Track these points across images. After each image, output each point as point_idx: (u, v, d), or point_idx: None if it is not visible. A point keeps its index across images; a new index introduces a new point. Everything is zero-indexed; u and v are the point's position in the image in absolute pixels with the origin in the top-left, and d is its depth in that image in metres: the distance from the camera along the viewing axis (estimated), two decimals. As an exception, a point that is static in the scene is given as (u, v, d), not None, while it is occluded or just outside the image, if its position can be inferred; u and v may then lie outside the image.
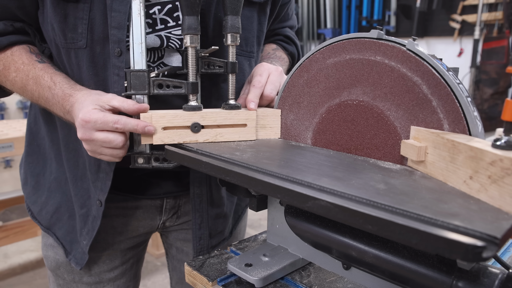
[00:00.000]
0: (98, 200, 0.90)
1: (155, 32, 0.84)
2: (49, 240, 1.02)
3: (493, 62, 3.76)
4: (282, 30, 1.16)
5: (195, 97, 0.81)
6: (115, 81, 0.82)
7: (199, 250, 1.01)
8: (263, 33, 1.00)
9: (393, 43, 0.67)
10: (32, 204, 1.03)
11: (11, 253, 2.93)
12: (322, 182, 0.54)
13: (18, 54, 0.85)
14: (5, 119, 5.15)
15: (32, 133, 1.02)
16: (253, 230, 3.35)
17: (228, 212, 1.07)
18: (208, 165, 0.68)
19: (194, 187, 0.97)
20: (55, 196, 0.98)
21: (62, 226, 0.98)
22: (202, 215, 0.99)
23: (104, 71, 0.83)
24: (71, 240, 0.97)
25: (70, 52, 0.84)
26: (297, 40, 1.19)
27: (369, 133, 0.71)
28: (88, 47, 0.82)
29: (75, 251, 0.96)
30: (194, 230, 1.00)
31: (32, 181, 1.03)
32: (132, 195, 0.98)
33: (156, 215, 1.03)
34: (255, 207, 0.82)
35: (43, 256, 1.05)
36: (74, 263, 0.97)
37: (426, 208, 0.45)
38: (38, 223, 1.01)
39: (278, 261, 0.76)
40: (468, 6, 3.99)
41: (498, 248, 0.39)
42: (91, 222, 0.92)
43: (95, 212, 0.91)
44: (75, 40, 0.82)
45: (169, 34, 0.86)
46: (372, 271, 0.61)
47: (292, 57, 1.17)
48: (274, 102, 0.88)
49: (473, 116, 0.60)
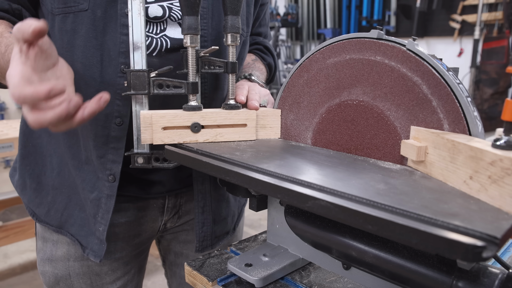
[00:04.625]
0: (111, 175, 0.88)
1: (157, 2, 0.85)
2: (45, 255, 0.99)
3: (493, 62, 3.76)
4: (261, 40, 1.20)
5: (195, 97, 0.81)
6: (123, 41, 0.82)
7: (202, 239, 0.99)
8: (251, 16, 1.02)
9: (393, 43, 0.68)
10: (36, 207, 0.99)
11: (11, 253, 2.93)
12: (322, 182, 0.54)
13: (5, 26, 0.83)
14: (5, 119, 5.16)
15: (26, 135, 1.00)
16: (253, 230, 3.35)
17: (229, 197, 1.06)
18: (208, 165, 0.68)
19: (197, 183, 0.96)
20: (62, 192, 0.96)
21: (74, 222, 0.95)
22: (205, 197, 0.97)
23: (103, 35, 0.83)
24: (86, 234, 0.94)
25: (68, 17, 0.82)
26: (274, 51, 1.24)
27: (369, 133, 0.71)
28: (90, 10, 0.81)
29: (92, 244, 0.93)
30: (197, 215, 0.97)
31: (33, 184, 1.00)
32: (135, 196, 0.97)
33: (158, 216, 1.02)
34: (255, 207, 0.82)
35: (40, 272, 1.01)
36: (92, 256, 0.93)
37: (426, 208, 0.45)
38: (47, 225, 0.97)
39: (278, 261, 0.76)
40: (468, 6, 4.00)
41: (498, 248, 0.39)
42: (104, 203, 0.90)
43: (108, 190, 0.89)
44: (77, 3, 0.81)
45: (171, 5, 0.86)
46: (372, 271, 0.61)
47: (270, 68, 1.20)
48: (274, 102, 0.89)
49: (473, 116, 0.60)
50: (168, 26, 0.87)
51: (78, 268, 0.97)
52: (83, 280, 0.98)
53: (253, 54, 1.18)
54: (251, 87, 0.92)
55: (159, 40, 0.86)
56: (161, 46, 0.86)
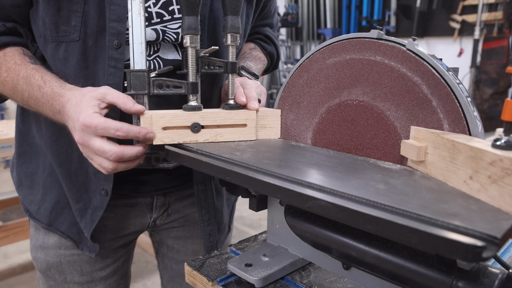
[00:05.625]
0: (103, 190, 0.89)
1: (151, 26, 0.85)
2: (38, 242, 1.01)
3: (493, 62, 3.76)
4: (262, 29, 1.18)
5: (195, 97, 0.81)
6: (110, 74, 0.82)
7: (210, 248, 1.03)
8: (249, 26, 1.02)
9: (393, 43, 0.67)
10: (29, 204, 1.02)
11: (11, 253, 2.93)
12: (322, 182, 0.54)
13: (11, 55, 0.85)
14: (5, 119, 5.16)
15: (22, 133, 1.01)
16: (253, 230, 3.35)
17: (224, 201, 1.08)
18: (208, 165, 0.68)
19: (198, 184, 0.97)
20: (52, 192, 0.98)
21: (64, 220, 0.97)
22: (209, 211, 1.00)
23: (95, 64, 0.83)
24: (77, 231, 0.97)
25: (60, 46, 0.83)
26: (277, 40, 1.20)
27: (369, 133, 0.71)
28: (81, 40, 0.82)
29: (85, 240, 0.96)
30: (202, 228, 1.01)
31: (27, 181, 1.02)
32: (124, 193, 0.98)
33: (146, 213, 1.04)
34: (255, 207, 0.82)
35: (32, 258, 1.04)
36: (87, 251, 0.96)
37: (426, 208, 0.45)
38: (38, 222, 1.00)
39: (278, 261, 0.76)
40: (468, 6, 4.00)
41: (498, 248, 0.39)
42: (90, 214, 0.92)
43: (98, 203, 0.91)
44: (68, 33, 0.82)
45: (164, 28, 0.86)
46: (372, 271, 0.61)
47: (271, 57, 1.18)
48: None
49: (473, 116, 0.60)
50: (161, 48, 0.88)
51: (68, 256, 0.99)
52: (73, 267, 1.00)
53: (252, 42, 1.16)
54: (243, 83, 0.90)
55: (151, 62, 0.88)
56: (154, 68, 0.88)
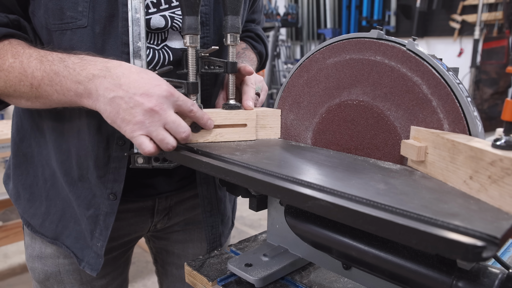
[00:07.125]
0: (112, 194, 0.87)
1: (159, 12, 0.83)
2: (34, 251, 0.98)
3: (493, 62, 3.76)
4: (254, 27, 1.16)
5: (195, 97, 0.81)
6: (124, 60, 0.78)
7: (213, 241, 1.00)
8: (245, 12, 1.01)
9: (393, 43, 0.67)
10: (31, 218, 0.97)
11: (11, 253, 2.93)
12: (322, 182, 0.54)
13: (17, 43, 0.79)
14: (5, 119, 5.15)
15: (16, 143, 0.97)
16: (253, 230, 3.35)
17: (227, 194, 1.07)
18: (208, 165, 0.68)
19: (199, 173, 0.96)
20: (56, 204, 0.94)
21: (70, 234, 0.94)
22: (211, 201, 0.98)
23: (101, 52, 0.80)
24: (81, 247, 0.93)
25: (65, 33, 0.78)
26: (266, 39, 1.19)
27: (369, 133, 0.71)
28: (88, 26, 0.78)
29: (88, 257, 0.93)
30: (204, 219, 0.98)
31: (26, 194, 0.97)
32: (126, 198, 0.94)
33: (148, 217, 1.02)
34: (255, 207, 0.82)
35: (29, 268, 1.00)
36: (88, 269, 0.92)
37: (426, 208, 0.45)
38: (42, 236, 0.96)
39: (278, 261, 0.76)
40: (468, 6, 4.00)
41: (498, 248, 0.39)
42: (103, 220, 0.89)
43: (107, 208, 0.89)
44: (75, 19, 0.77)
45: (173, 14, 0.85)
46: (372, 271, 0.61)
47: (260, 56, 1.16)
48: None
49: (473, 116, 0.60)
50: (169, 36, 0.86)
51: (68, 265, 0.97)
52: (73, 276, 0.98)
53: (244, 42, 1.14)
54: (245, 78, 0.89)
55: (160, 52, 0.86)
56: (163, 59, 0.86)
